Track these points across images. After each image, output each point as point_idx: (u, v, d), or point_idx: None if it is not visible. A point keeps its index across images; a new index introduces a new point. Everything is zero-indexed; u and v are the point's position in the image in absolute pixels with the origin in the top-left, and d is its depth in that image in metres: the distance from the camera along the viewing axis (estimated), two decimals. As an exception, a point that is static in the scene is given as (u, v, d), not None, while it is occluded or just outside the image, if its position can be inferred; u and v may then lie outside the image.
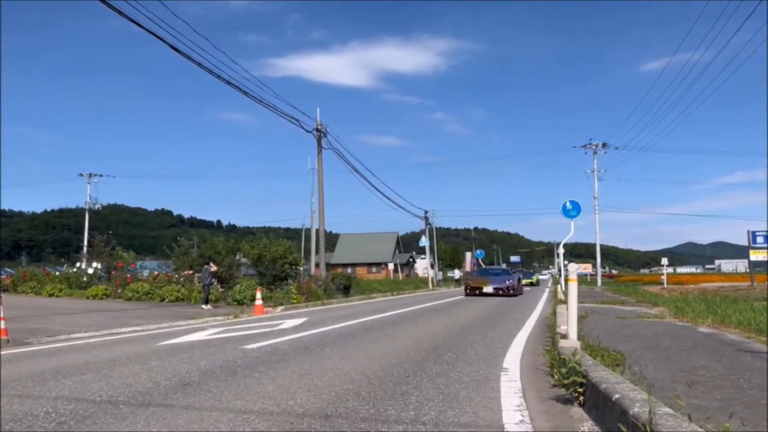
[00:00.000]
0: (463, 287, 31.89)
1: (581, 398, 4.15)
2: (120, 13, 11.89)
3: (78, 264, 26.24)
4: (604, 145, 47.89)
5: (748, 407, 3.58)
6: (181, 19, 14.23)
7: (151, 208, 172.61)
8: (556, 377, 4.49)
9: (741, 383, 4.42)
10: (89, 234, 44.06)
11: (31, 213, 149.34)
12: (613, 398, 3.38)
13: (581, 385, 4.15)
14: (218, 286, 18.09)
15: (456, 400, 4.37)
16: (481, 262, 74.20)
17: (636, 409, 3.00)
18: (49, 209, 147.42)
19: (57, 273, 26.04)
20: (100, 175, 54.04)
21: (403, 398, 4.40)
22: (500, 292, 23.62)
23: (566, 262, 26.24)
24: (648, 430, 2.74)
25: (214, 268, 16.85)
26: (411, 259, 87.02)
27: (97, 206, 55.19)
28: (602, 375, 4.06)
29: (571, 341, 6.27)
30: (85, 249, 36.03)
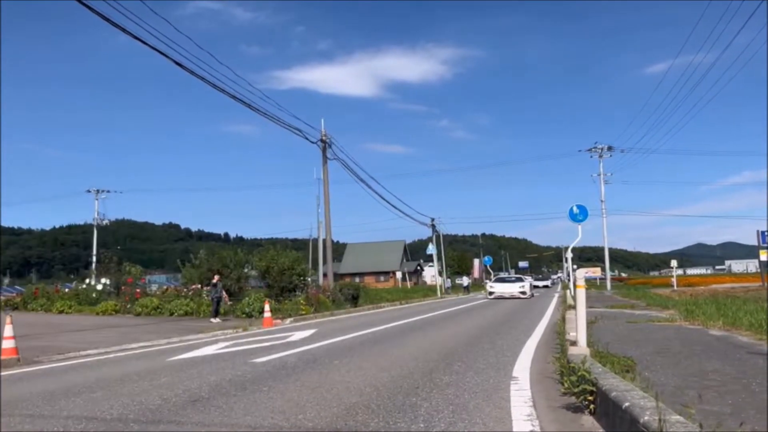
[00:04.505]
0: (471, 294, 39.68)
1: (592, 406, 4.13)
2: (124, 30, 12.00)
3: (87, 280, 26.36)
4: (609, 148, 47.73)
5: (760, 412, 3.55)
6: (184, 34, 14.34)
7: (158, 222, 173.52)
8: (566, 385, 4.46)
9: (753, 387, 4.38)
10: (98, 250, 44.40)
11: (40, 230, 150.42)
12: (624, 406, 3.36)
13: (591, 393, 4.13)
14: (226, 299, 18.14)
15: (466, 410, 4.35)
16: (489, 269, 73.99)
17: (646, 418, 2.99)
18: (57, 226, 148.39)
19: (67, 290, 26.18)
20: (108, 191, 54.49)
21: (413, 410, 4.39)
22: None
23: (575, 267, 26.13)
24: (659, 438, 2.72)
25: (215, 279, 16.90)
26: (419, 267, 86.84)
27: (105, 222, 55.51)
28: (612, 382, 4.03)
29: (581, 348, 6.25)
30: (94, 265, 36.26)
